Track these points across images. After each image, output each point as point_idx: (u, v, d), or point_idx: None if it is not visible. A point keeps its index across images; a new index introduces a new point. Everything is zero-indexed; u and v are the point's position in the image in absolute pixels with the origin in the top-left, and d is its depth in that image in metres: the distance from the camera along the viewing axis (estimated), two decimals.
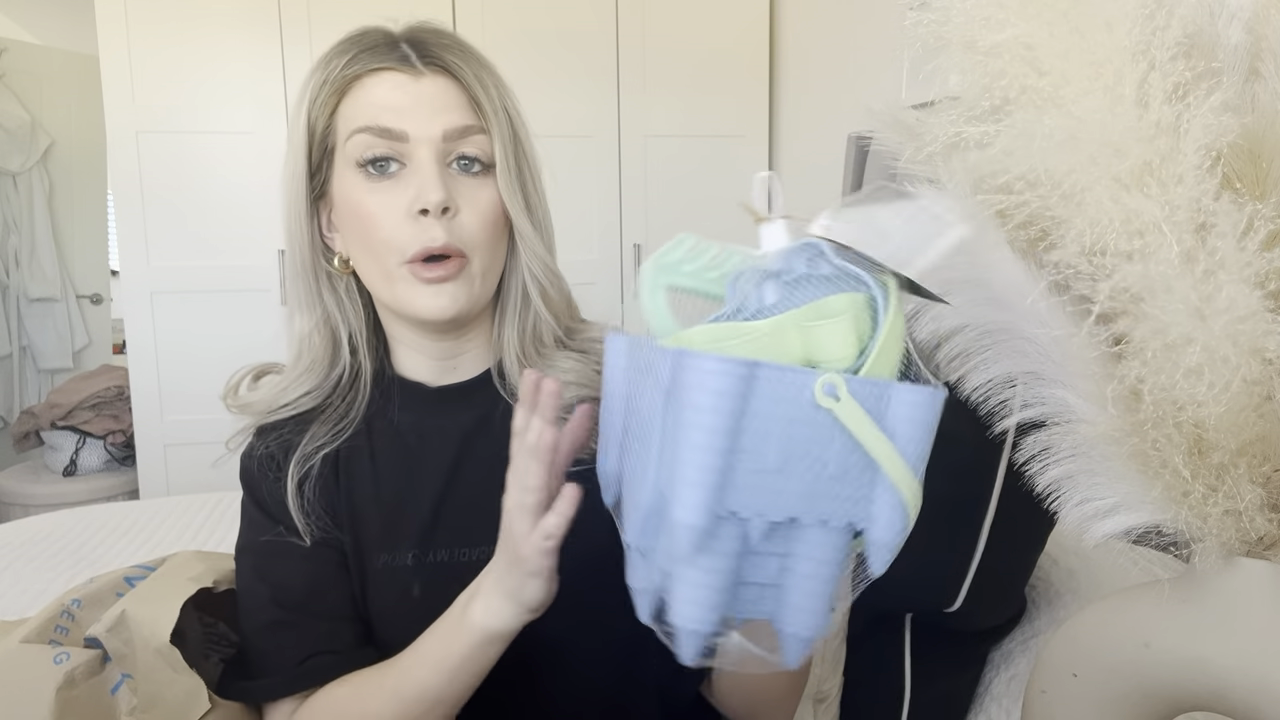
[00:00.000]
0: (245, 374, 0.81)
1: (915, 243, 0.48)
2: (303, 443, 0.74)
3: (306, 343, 0.76)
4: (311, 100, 0.71)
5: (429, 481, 0.75)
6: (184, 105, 2.40)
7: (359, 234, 0.70)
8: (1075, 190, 0.57)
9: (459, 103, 0.69)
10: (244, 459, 0.79)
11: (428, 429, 0.76)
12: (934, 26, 0.64)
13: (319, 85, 0.71)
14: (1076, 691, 0.64)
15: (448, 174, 0.69)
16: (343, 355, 0.76)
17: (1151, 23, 0.56)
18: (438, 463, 0.75)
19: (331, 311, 0.76)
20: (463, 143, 0.69)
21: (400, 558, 0.73)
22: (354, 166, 0.69)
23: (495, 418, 0.76)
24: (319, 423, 0.76)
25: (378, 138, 0.68)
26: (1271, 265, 0.54)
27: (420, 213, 0.67)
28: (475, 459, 0.75)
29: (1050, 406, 0.63)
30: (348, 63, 0.70)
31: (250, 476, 0.78)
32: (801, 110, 2.64)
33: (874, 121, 0.75)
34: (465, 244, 0.69)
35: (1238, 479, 0.56)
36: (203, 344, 2.49)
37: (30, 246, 3.43)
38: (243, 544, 0.78)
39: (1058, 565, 1.06)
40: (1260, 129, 0.57)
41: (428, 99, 0.69)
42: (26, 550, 1.56)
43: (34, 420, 2.96)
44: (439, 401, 0.77)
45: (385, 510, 0.74)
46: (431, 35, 0.72)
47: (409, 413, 0.77)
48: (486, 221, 0.70)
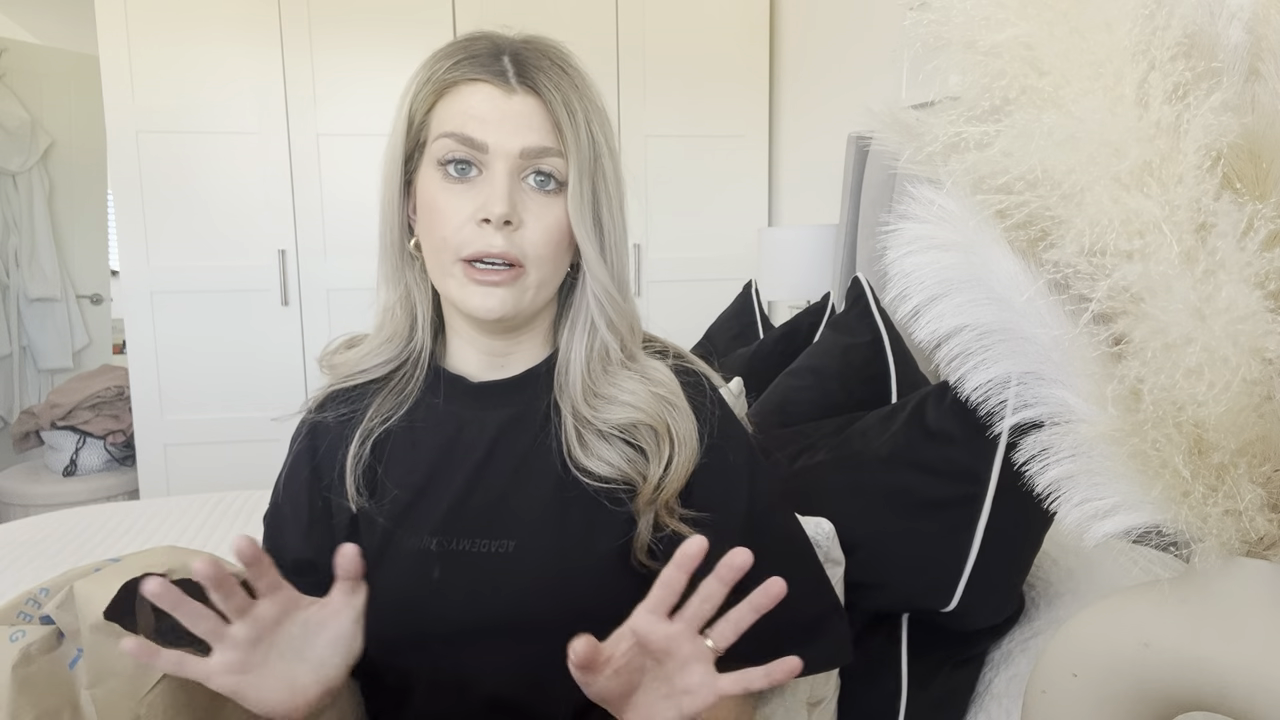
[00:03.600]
0: (341, 340, 0.87)
1: None
2: (367, 415, 0.80)
3: (389, 314, 0.81)
4: (414, 95, 0.75)
5: (460, 471, 0.78)
6: (184, 105, 2.40)
7: (427, 226, 0.75)
8: (1075, 190, 0.57)
9: (543, 124, 0.72)
10: (310, 423, 0.84)
11: (467, 420, 0.79)
12: (934, 26, 0.64)
13: (422, 82, 0.75)
14: (1076, 691, 0.64)
15: (520, 187, 0.73)
16: (418, 331, 0.81)
17: (1151, 23, 0.56)
18: (470, 453, 0.78)
19: (412, 288, 0.80)
20: (539, 161, 0.73)
21: (425, 541, 0.76)
22: (436, 164, 0.74)
23: (530, 417, 0.78)
24: (383, 396, 0.81)
25: (460, 144, 0.72)
26: (1271, 265, 0.54)
27: (483, 221, 0.71)
28: (505, 454, 0.78)
29: (1050, 406, 0.63)
30: (450, 67, 0.74)
31: (314, 440, 0.83)
32: (801, 110, 2.64)
33: (874, 121, 0.76)
34: (524, 255, 0.73)
35: (1238, 479, 0.56)
36: (203, 344, 2.49)
37: (30, 246, 3.43)
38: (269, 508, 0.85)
39: (1057, 565, 1.06)
40: (1260, 129, 0.57)
41: (514, 116, 0.72)
42: (26, 550, 1.56)
43: (34, 420, 2.96)
44: (479, 395, 0.80)
45: (416, 493, 0.78)
46: (533, 55, 0.74)
47: (452, 402, 0.80)
48: (550, 238, 0.73)
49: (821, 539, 0.89)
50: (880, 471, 0.96)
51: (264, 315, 2.51)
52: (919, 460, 0.93)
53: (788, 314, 1.89)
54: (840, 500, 0.96)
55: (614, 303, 0.77)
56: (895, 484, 0.94)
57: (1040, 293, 0.61)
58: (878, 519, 0.94)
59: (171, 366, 2.48)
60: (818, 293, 2.09)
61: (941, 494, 0.91)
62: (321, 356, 0.86)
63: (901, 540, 0.93)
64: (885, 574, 0.93)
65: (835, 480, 0.99)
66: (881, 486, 0.95)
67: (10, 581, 1.39)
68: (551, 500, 0.75)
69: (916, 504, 0.93)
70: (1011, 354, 0.65)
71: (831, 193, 2.40)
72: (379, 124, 2.50)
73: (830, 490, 0.98)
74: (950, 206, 0.66)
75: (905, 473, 0.94)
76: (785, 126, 2.74)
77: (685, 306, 2.66)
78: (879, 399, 1.17)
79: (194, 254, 2.46)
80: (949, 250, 0.66)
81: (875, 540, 0.93)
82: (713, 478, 0.75)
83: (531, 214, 0.73)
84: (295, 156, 2.47)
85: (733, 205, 2.77)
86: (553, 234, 0.73)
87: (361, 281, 2.50)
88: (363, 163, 2.50)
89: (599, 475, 0.74)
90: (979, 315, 0.65)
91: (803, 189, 2.66)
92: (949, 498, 0.91)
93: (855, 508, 0.95)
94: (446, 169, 0.73)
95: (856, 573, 0.93)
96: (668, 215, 2.70)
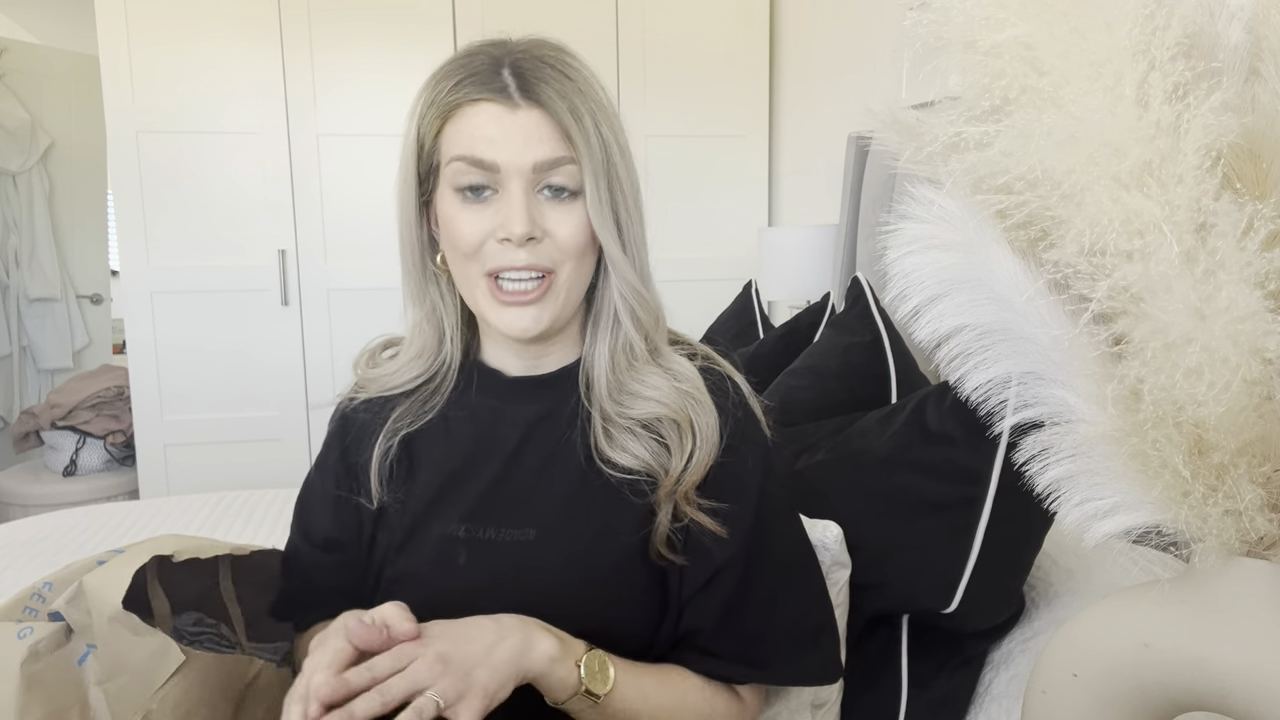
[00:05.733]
0: (378, 343, 0.89)
1: None
2: (394, 416, 0.83)
3: (417, 330, 0.84)
4: (420, 118, 0.76)
5: (492, 461, 0.80)
6: (184, 105, 2.40)
7: (450, 245, 0.77)
8: (1075, 190, 0.57)
9: (552, 135, 0.73)
10: (344, 412, 0.88)
11: (501, 413, 0.82)
12: (934, 26, 0.64)
13: (426, 105, 0.75)
14: (1076, 691, 0.64)
15: (537, 200, 0.74)
16: (445, 345, 0.83)
17: (1151, 23, 0.56)
18: (502, 445, 0.80)
19: (437, 304, 0.83)
20: (553, 173, 0.73)
21: (454, 528, 0.79)
22: (453, 189, 0.75)
23: (559, 413, 0.80)
24: (410, 401, 0.83)
25: (472, 166, 0.73)
26: (1271, 265, 0.54)
27: (504, 240, 0.73)
28: (535, 447, 0.80)
29: (1050, 406, 0.63)
30: (452, 88, 0.74)
31: (344, 427, 0.87)
32: (801, 110, 2.64)
33: (874, 121, 0.76)
34: (552, 261, 0.74)
35: (1238, 479, 0.56)
36: (203, 344, 2.49)
37: (30, 246, 3.42)
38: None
39: (1057, 565, 1.06)
40: (1260, 129, 0.57)
41: (521, 131, 0.72)
42: (26, 550, 1.56)
43: (34, 420, 2.96)
44: (514, 389, 0.82)
45: (448, 480, 0.80)
46: (533, 64, 0.74)
47: (487, 396, 0.83)
48: (575, 243, 0.75)
49: (830, 542, 0.89)
50: (880, 472, 0.96)
51: (264, 315, 2.51)
52: (919, 461, 0.93)
53: (788, 314, 1.89)
54: (840, 501, 0.96)
55: (638, 296, 0.78)
56: (895, 485, 0.94)
57: (1040, 293, 0.61)
58: (878, 520, 0.94)
59: (171, 366, 2.48)
60: (818, 293, 2.09)
61: (942, 495, 0.91)
62: (356, 360, 0.88)
63: (902, 541, 0.93)
64: (885, 575, 0.93)
65: (835, 481, 0.99)
66: (882, 487, 0.95)
67: (11, 581, 1.39)
68: (575, 493, 0.77)
69: (917, 505, 0.93)
70: (1011, 354, 0.65)
71: (831, 193, 2.40)
72: (379, 124, 2.52)
73: (830, 490, 0.98)
74: (950, 206, 0.66)
75: (905, 474, 0.94)
76: (785, 126, 2.74)
77: (685, 306, 2.64)
78: (879, 399, 1.17)
79: (194, 254, 2.46)
80: (949, 250, 0.66)
81: (875, 541, 0.93)
82: (728, 477, 0.76)
83: (552, 223, 0.73)
84: (295, 156, 2.47)
85: (733, 205, 2.76)
86: (577, 239, 0.74)
87: (361, 281, 2.50)
88: (363, 163, 2.50)
89: (623, 467, 0.75)
90: (979, 315, 0.65)
91: (803, 189, 2.66)
92: (949, 499, 0.91)
93: (855, 508, 0.95)
94: (464, 193, 0.74)
95: (856, 574, 0.93)
96: (668, 215, 2.69)
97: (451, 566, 0.78)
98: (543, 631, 0.69)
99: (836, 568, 0.89)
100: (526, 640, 0.67)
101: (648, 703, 0.72)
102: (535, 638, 0.68)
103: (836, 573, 0.89)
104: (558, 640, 0.68)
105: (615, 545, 0.75)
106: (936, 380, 1.32)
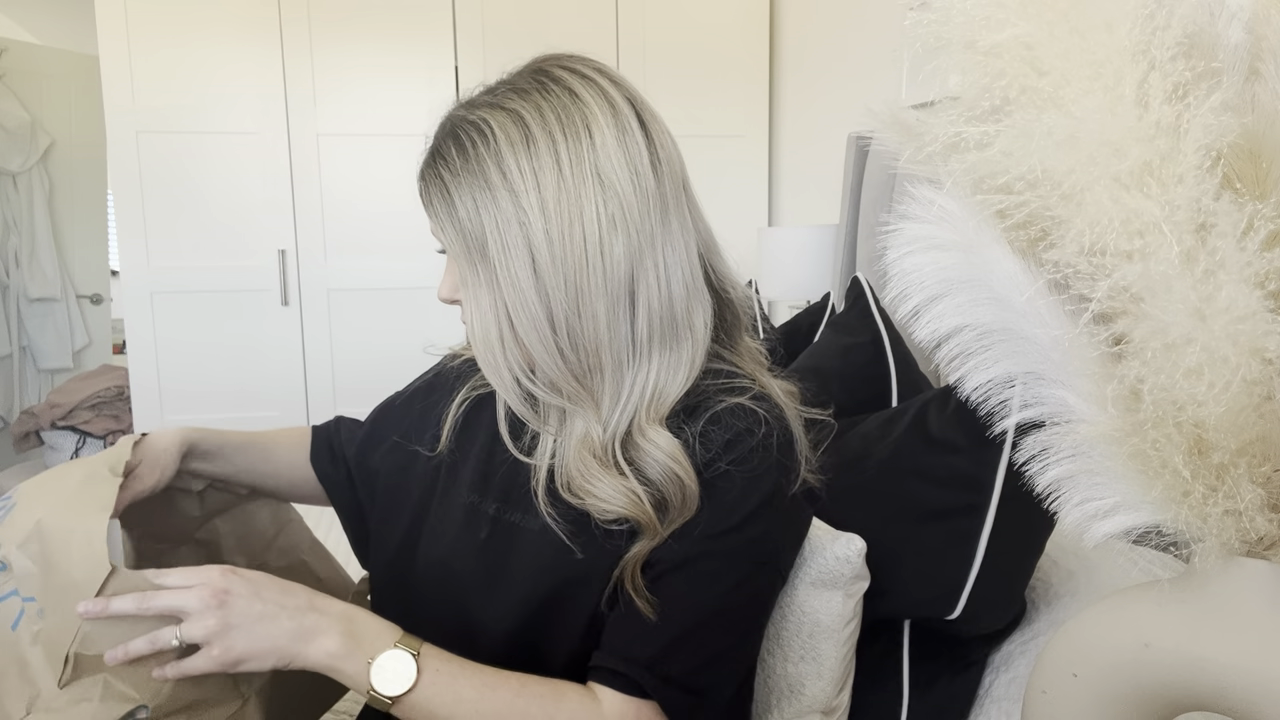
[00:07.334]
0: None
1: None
2: (472, 380, 0.88)
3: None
4: None
5: (526, 446, 0.81)
6: (184, 105, 2.40)
7: None
8: (1075, 190, 0.57)
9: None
10: (445, 363, 0.96)
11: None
12: (934, 26, 0.64)
13: None
14: (1076, 691, 0.64)
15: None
16: None
17: (1151, 23, 0.56)
18: (538, 432, 0.81)
19: None
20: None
21: (486, 504, 0.80)
22: None
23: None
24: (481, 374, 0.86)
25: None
26: (1271, 265, 0.54)
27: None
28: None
29: (1050, 406, 0.63)
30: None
31: (438, 376, 0.94)
32: (801, 110, 2.64)
33: (874, 121, 0.76)
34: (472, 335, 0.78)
35: (1238, 479, 0.56)
36: (203, 344, 2.49)
37: (30, 246, 3.43)
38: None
39: (1057, 566, 1.06)
40: (1260, 129, 0.57)
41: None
42: None
43: (34, 420, 2.96)
44: None
45: (487, 456, 0.83)
46: (440, 140, 0.71)
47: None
48: (474, 334, 0.77)
49: (853, 555, 0.86)
50: (882, 479, 0.95)
51: (264, 315, 2.51)
52: (921, 468, 0.92)
53: (788, 314, 1.89)
54: (841, 506, 0.95)
55: (571, 388, 0.72)
56: (898, 492, 0.94)
57: (1040, 293, 0.61)
58: (880, 527, 0.93)
59: (171, 366, 2.48)
60: (818, 293, 2.09)
61: (945, 503, 0.91)
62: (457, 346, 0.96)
63: (905, 549, 0.92)
64: (888, 582, 0.93)
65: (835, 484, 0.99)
66: (883, 494, 0.95)
67: None
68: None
69: (920, 513, 0.92)
70: (1011, 354, 0.65)
71: (831, 193, 2.40)
72: (379, 124, 2.52)
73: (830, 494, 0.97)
74: (950, 206, 0.66)
75: (908, 481, 0.93)
76: (785, 126, 2.74)
77: None
78: (879, 399, 1.17)
79: (194, 254, 2.46)
80: (949, 250, 0.66)
81: (877, 548, 0.92)
82: (709, 493, 0.72)
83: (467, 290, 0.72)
84: (295, 156, 2.47)
85: (732, 205, 2.76)
86: (473, 329, 0.72)
87: (361, 281, 2.49)
88: (363, 163, 2.49)
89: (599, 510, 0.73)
90: (979, 315, 0.65)
91: (803, 189, 2.66)
92: (952, 507, 0.90)
93: (856, 514, 0.94)
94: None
95: None
96: None
97: (474, 539, 0.79)
98: (340, 628, 0.65)
99: (857, 581, 0.88)
100: (308, 629, 0.64)
101: (460, 706, 0.66)
102: (322, 631, 0.64)
103: (856, 585, 0.88)
104: (345, 638, 0.65)
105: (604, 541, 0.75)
106: (936, 380, 1.32)
